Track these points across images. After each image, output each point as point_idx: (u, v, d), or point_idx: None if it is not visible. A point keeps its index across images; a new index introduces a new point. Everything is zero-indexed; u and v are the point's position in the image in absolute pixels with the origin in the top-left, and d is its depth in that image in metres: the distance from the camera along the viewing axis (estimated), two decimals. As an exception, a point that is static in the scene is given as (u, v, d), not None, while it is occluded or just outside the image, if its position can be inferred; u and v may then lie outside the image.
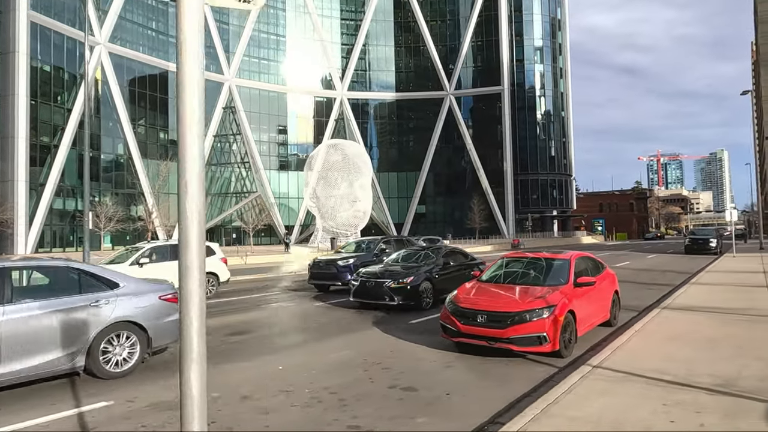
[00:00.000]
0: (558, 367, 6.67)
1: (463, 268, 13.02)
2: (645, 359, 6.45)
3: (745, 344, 7.10)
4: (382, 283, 11.42)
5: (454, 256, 13.18)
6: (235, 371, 6.58)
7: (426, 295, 11.43)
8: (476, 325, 7.07)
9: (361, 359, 7.06)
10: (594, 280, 8.02)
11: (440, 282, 11.84)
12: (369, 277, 11.79)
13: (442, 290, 11.52)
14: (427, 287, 11.49)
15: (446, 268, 12.33)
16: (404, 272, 11.61)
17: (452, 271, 12.50)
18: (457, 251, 13.98)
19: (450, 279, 12.09)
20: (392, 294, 11.18)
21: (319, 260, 16.22)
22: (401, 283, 11.27)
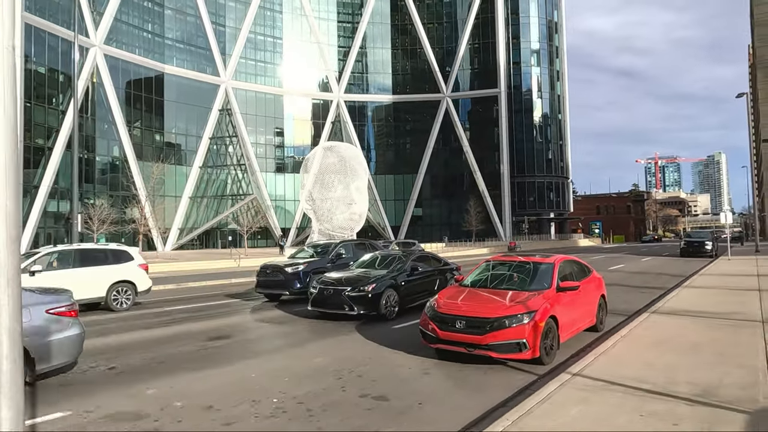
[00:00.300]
0: (538, 374, 6.50)
1: (435, 273, 12.31)
2: (626, 366, 6.28)
3: (728, 350, 6.93)
4: (341, 291, 10.45)
5: (424, 262, 12.36)
6: (206, 379, 6.39)
7: (389, 303, 10.53)
8: (455, 331, 6.90)
9: (337, 366, 6.88)
10: (577, 285, 7.84)
11: (407, 289, 11.11)
12: (328, 284, 10.85)
13: (409, 298, 11.08)
14: (391, 295, 10.59)
15: (414, 274, 11.47)
16: (366, 279, 10.70)
17: (422, 278, 11.69)
18: (429, 256, 13.19)
19: (419, 286, 11.50)
20: (351, 303, 10.26)
21: (266, 266, 14.28)
22: (361, 291, 10.36)
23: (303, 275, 13.29)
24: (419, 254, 12.59)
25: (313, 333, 9.40)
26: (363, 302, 10.30)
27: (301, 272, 13.40)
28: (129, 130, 53.22)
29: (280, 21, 69.71)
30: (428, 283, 11.84)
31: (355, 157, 53.76)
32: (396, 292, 10.77)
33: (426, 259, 12.65)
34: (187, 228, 59.30)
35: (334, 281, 10.93)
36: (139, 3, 56.72)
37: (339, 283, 10.82)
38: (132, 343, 8.55)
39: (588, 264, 9.63)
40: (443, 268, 12.76)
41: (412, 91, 74.27)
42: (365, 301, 10.30)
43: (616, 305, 12.41)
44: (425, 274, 11.90)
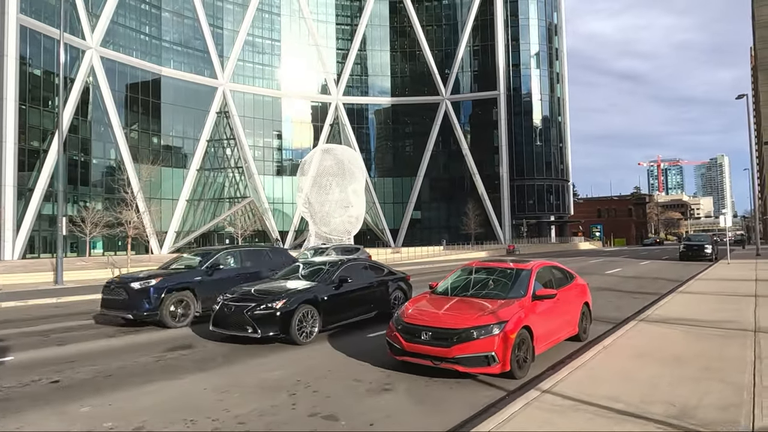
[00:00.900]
0: (507, 390, 6.05)
1: (374, 286, 10.62)
2: (602, 382, 5.82)
3: (713, 364, 6.47)
4: (243, 309, 8.55)
5: (359, 272, 10.47)
6: (150, 394, 5.96)
7: (305, 323, 8.66)
8: (420, 342, 6.45)
9: (294, 380, 6.44)
10: (554, 293, 7.38)
11: (333, 306, 9.30)
12: (231, 299, 8.92)
13: (336, 316, 9.44)
14: (308, 313, 8.73)
15: (344, 287, 9.63)
16: (276, 293, 8.85)
17: (354, 291, 9.88)
18: (368, 265, 11.31)
19: (350, 301, 9.79)
20: (255, 323, 8.35)
21: (111, 280, 11.33)
22: (267, 309, 8.44)
23: (154, 292, 10.18)
24: (352, 264, 10.56)
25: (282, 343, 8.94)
26: (269, 322, 8.37)
27: (152, 288, 10.23)
28: (126, 133, 52.94)
29: (279, 23, 69.51)
30: (363, 297, 10.16)
31: (353, 159, 53.43)
32: (316, 309, 8.93)
33: (362, 269, 10.76)
34: (184, 231, 58.95)
35: (240, 296, 9.00)
36: (136, 5, 56.56)
37: (245, 298, 8.88)
38: (88, 353, 8.12)
39: (571, 270, 9.18)
40: (386, 279, 11.09)
41: (411, 93, 73.94)
42: (272, 320, 8.38)
43: (606, 312, 11.96)
44: (360, 287, 10.12)
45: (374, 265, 11.57)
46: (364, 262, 11.60)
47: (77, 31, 48.94)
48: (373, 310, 10.36)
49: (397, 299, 11.00)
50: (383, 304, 10.66)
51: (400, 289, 11.30)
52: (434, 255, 48.12)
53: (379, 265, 11.80)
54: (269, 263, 12.45)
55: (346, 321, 9.74)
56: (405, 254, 46.96)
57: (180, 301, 10.54)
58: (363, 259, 12.41)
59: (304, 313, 8.70)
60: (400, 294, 11.18)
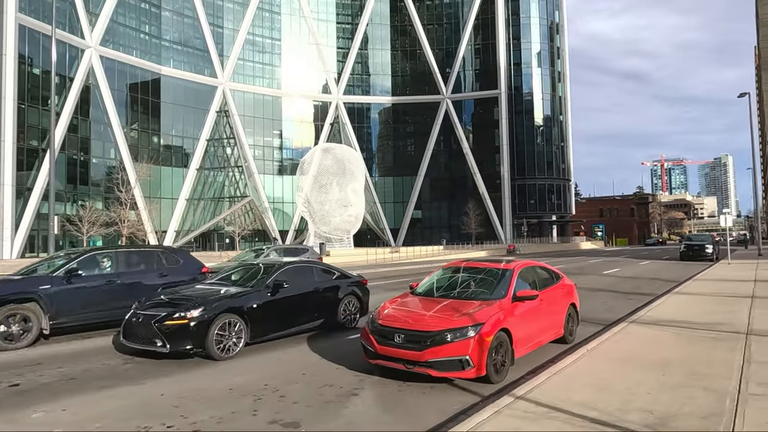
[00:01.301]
0: (483, 395, 5.80)
1: (320, 291, 9.46)
2: (580, 388, 5.57)
3: (699, 369, 6.19)
4: (151, 319, 7.42)
5: (302, 276, 9.30)
6: (109, 399, 5.73)
7: (226, 335, 7.51)
8: (393, 345, 6.20)
9: (262, 384, 6.20)
10: (536, 294, 7.12)
11: (266, 314, 8.15)
12: (141, 308, 7.85)
13: (270, 325, 8.29)
14: (230, 324, 7.58)
15: (280, 293, 8.46)
16: (193, 301, 7.64)
17: (292, 298, 8.70)
18: (316, 268, 10.04)
19: (289, 309, 8.62)
20: (164, 335, 7.23)
21: None
22: (179, 319, 7.28)
23: None
24: (292, 266, 9.34)
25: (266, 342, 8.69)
26: (181, 334, 7.23)
27: None
28: (125, 132, 52.85)
29: (279, 22, 69.34)
30: (304, 304, 8.99)
31: (352, 158, 53.22)
32: (242, 319, 7.76)
33: (305, 273, 9.54)
34: (183, 230, 58.85)
35: (153, 303, 7.89)
36: (136, 4, 56.46)
37: (157, 305, 7.80)
38: (55, 356, 7.89)
39: (557, 270, 8.91)
40: (336, 284, 9.91)
41: (411, 92, 73.67)
42: (184, 332, 7.23)
43: (598, 313, 11.70)
44: (300, 293, 8.95)
45: (323, 268, 10.28)
46: (309, 264, 10.23)
47: (76, 30, 48.86)
48: (317, 319, 9.23)
49: (349, 306, 9.91)
50: (330, 313, 9.49)
51: (353, 294, 10.05)
52: (434, 254, 47.87)
53: (330, 268, 10.47)
54: (162, 269, 10.39)
55: (283, 332, 8.58)
56: (404, 254, 46.72)
57: (11, 316, 8.21)
58: (308, 261, 10.81)
59: (225, 323, 7.52)
60: (353, 300, 10.00)
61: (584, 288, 17.04)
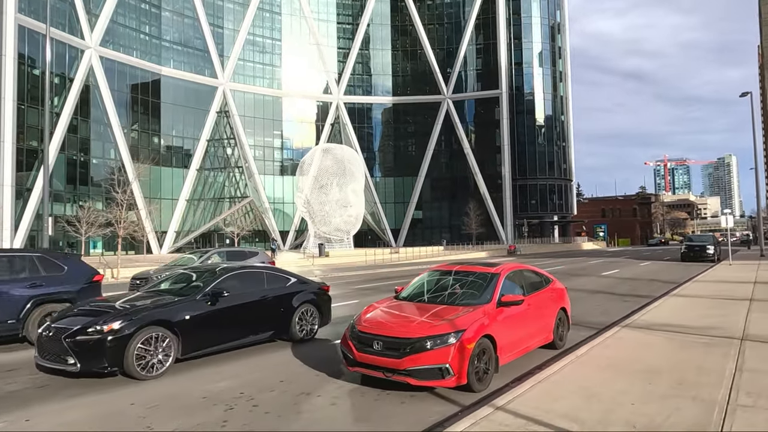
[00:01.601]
0: (463, 405, 5.59)
1: (270, 300, 8.48)
2: (563, 397, 5.36)
3: (689, 377, 5.98)
4: (62, 333, 6.50)
5: (248, 283, 8.38)
6: (75, 408, 5.55)
7: (151, 352, 6.61)
8: (372, 353, 6.01)
9: (237, 392, 6.01)
10: (521, 299, 6.91)
11: (200, 327, 7.26)
12: (54, 320, 7.01)
13: (206, 339, 7.40)
14: (155, 338, 6.69)
15: (220, 302, 7.60)
16: (112, 312, 6.76)
17: (234, 308, 7.81)
18: (267, 274, 9.00)
19: (228, 321, 7.70)
20: (75, 352, 6.33)
21: None
22: (95, 333, 6.38)
23: None
24: (236, 272, 8.39)
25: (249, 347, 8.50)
26: (94, 351, 6.33)
27: None
28: (125, 133, 52.82)
29: (279, 22, 69.24)
30: (250, 315, 8.09)
31: (352, 159, 53.08)
32: (171, 333, 6.90)
33: (254, 279, 8.61)
34: (184, 231, 58.79)
35: (71, 314, 7.03)
36: (136, 4, 56.42)
37: (76, 315, 6.90)
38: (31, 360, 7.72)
39: (547, 273, 8.70)
40: (290, 292, 8.92)
41: (412, 92, 73.49)
42: (99, 348, 6.32)
43: (592, 317, 11.49)
44: (245, 302, 8.05)
45: (275, 274, 9.22)
46: (258, 270, 9.15)
47: (76, 30, 48.85)
48: (266, 331, 8.36)
49: (307, 316, 8.98)
50: (283, 323, 8.59)
51: (311, 303, 9.09)
52: (434, 255, 47.67)
53: (284, 274, 9.42)
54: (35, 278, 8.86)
55: (223, 346, 7.69)
56: (403, 254, 46.54)
57: None
58: (257, 267, 9.65)
59: (148, 337, 6.62)
60: (310, 309, 9.07)
61: (581, 290, 16.83)
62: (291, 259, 40.47)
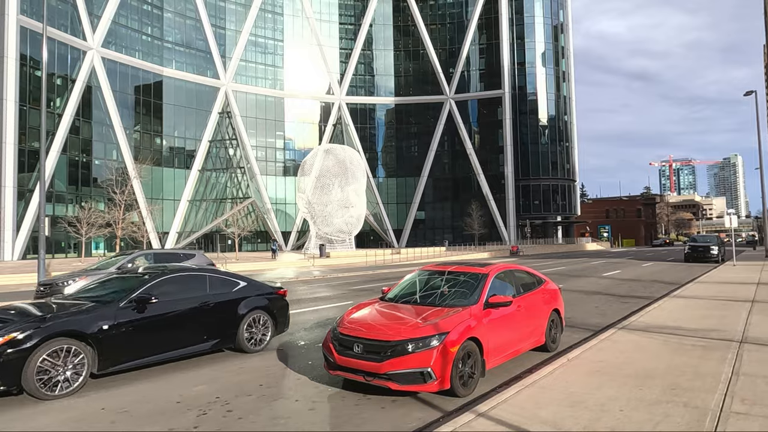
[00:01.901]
0: (445, 411, 5.38)
1: (212, 307, 7.64)
2: (549, 403, 5.14)
3: (682, 382, 5.74)
4: None
5: (185, 288, 7.57)
6: (45, 414, 5.38)
7: (59, 367, 5.88)
8: (352, 356, 5.80)
9: (213, 396, 5.82)
10: (509, 300, 6.68)
11: (123, 338, 6.50)
12: None
13: (127, 354, 6.58)
14: (65, 351, 5.95)
15: (148, 309, 6.85)
16: (12, 321, 5.97)
17: (165, 316, 7.06)
18: (205, 277, 7.99)
19: (158, 330, 6.95)
20: None
21: None
22: None
23: None
24: (174, 276, 7.61)
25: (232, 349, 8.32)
26: None
27: None
28: (127, 134, 52.86)
29: (281, 23, 69.20)
30: (189, 322, 7.33)
31: (353, 159, 52.86)
32: (86, 345, 6.15)
33: (193, 283, 7.76)
34: (185, 231, 58.78)
35: None
36: (138, 6, 56.50)
37: None
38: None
39: (540, 274, 8.47)
40: (238, 297, 8.07)
41: (414, 93, 73.30)
42: None
43: (589, 318, 11.25)
44: (182, 309, 7.28)
45: (220, 278, 8.25)
46: (199, 273, 8.11)
47: (78, 32, 48.94)
48: (207, 340, 7.52)
49: (257, 324, 8.15)
50: (228, 332, 7.77)
51: (263, 309, 8.27)
52: (435, 256, 47.38)
53: (231, 277, 8.50)
54: None
55: (151, 358, 6.87)
56: (405, 255, 46.29)
57: None
58: (199, 269, 8.49)
59: (56, 350, 5.85)
60: (262, 317, 8.24)
61: (579, 291, 16.57)
62: (291, 260, 40.32)
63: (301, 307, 13.34)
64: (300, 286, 20.33)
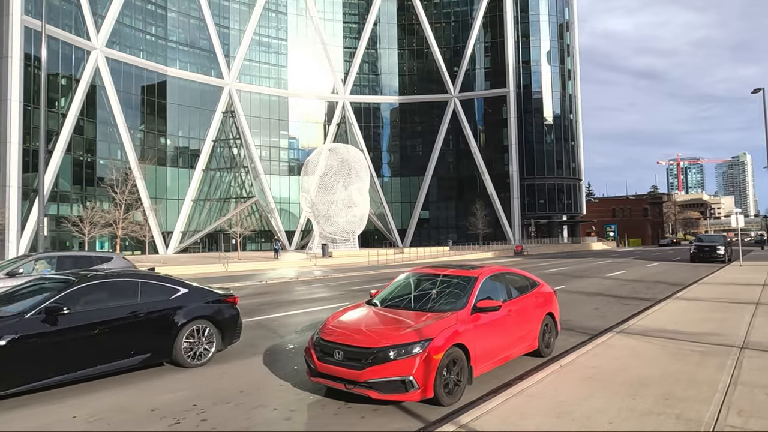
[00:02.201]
0: (428, 421, 5.17)
1: (143, 316, 6.89)
2: (535, 414, 4.92)
3: (676, 392, 5.49)
4: None
5: (110, 295, 6.82)
6: (15, 422, 5.22)
7: None
8: (333, 363, 5.60)
9: (190, 405, 5.64)
10: (498, 305, 6.45)
11: (28, 353, 5.84)
12: None
13: (37, 370, 5.91)
14: None
15: (60, 321, 6.12)
16: None
17: (85, 327, 6.32)
18: (137, 283, 7.17)
19: (78, 343, 6.23)
20: None
21: None
22: None
23: None
24: (96, 282, 6.85)
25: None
26: None
27: None
28: (131, 133, 52.94)
29: (285, 22, 69.08)
30: (113, 335, 6.54)
31: (357, 158, 52.69)
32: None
33: (121, 290, 6.98)
34: (189, 231, 58.84)
35: None
36: (142, 5, 56.55)
37: None
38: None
39: (534, 276, 8.23)
40: (176, 306, 7.28)
41: (419, 91, 72.97)
42: None
43: (588, 321, 11.00)
44: (103, 320, 6.49)
45: (156, 284, 7.41)
46: (128, 279, 7.21)
47: (82, 32, 49.03)
48: (137, 354, 6.77)
49: (199, 335, 7.39)
50: (163, 344, 7.02)
51: (206, 319, 7.50)
52: (439, 256, 47.13)
53: (169, 283, 7.60)
54: None
55: (65, 377, 6.12)
56: (408, 255, 46.08)
57: None
58: (129, 274, 7.54)
59: None
60: (205, 327, 7.47)
61: (581, 292, 16.29)
62: (294, 260, 40.22)
63: (295, 309, 13.17)
64: (299, 287, 20.17)
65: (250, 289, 19.25)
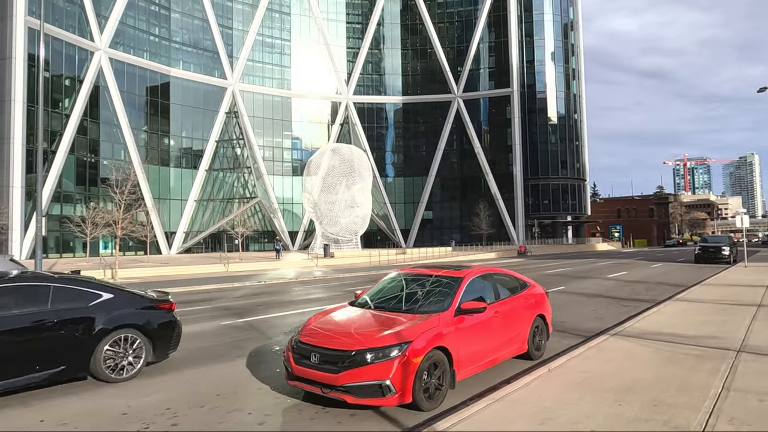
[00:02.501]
0: (406, 427, 4.99)
1: (54, 325, 6.12)
2: (519, 419, 4.72)
3: (666, 398, 5.27)
4: None
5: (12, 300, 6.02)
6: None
7: None
8: (309, 366, 5.42)
9: (163, 407, 5.47)
10: (483, 306, 6.25)
11: None
12: None
13: None
14: None
15: None
16: None
17: None
18: (49, 288, 6.38)
19: None
20: None
21: None
22: None
23: None
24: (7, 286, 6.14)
25: (201, 356, 7.97)
26: None
27: None
28: (135, 134, 53.03)
29: (289, 23, 69.05)
30: (13, 347, 5.81)
31: (359, 158, 52.53)
32: None
33: (25, 296, 6.19)
34: (193, 231, 58.88)
35: None
36: (145, 6, 56.66)
37: None
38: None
39: (525, 277, 8.02)
40: (94, 314, 6.49)
41: (422, 92, 72.74)
42: None
43: (584, 322, 10.77)
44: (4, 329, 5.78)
45: (71, 288, 6.60)
46: (35, 284, 6.45)
47: (86, 32, 49.14)
48: (39, 371, 5.96)
49: (124, 346, 6.63)
50: (78, 356, 6.27)
51: (133, 328, 6.76)
52: (441, 256, 46.90)
53: (90, 288, 6.79)
54: None
55: None
56: (410, 255, 45.88)
57: None
58: (34, 277, 6.85)
59: None
60: (132, 337, 6.72)
61: (580, 293, 16.05)
62: (295, 260, 40.12)
63: (289, 310, 13.02)
64: (297, 287, 20.03)
65: (248, 290, 19.12)
